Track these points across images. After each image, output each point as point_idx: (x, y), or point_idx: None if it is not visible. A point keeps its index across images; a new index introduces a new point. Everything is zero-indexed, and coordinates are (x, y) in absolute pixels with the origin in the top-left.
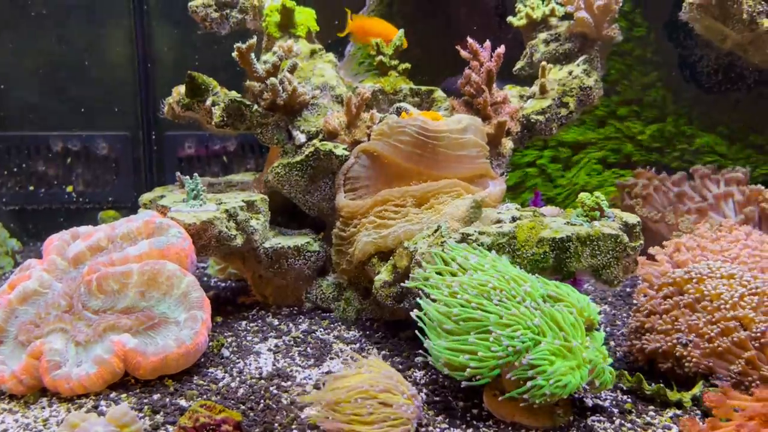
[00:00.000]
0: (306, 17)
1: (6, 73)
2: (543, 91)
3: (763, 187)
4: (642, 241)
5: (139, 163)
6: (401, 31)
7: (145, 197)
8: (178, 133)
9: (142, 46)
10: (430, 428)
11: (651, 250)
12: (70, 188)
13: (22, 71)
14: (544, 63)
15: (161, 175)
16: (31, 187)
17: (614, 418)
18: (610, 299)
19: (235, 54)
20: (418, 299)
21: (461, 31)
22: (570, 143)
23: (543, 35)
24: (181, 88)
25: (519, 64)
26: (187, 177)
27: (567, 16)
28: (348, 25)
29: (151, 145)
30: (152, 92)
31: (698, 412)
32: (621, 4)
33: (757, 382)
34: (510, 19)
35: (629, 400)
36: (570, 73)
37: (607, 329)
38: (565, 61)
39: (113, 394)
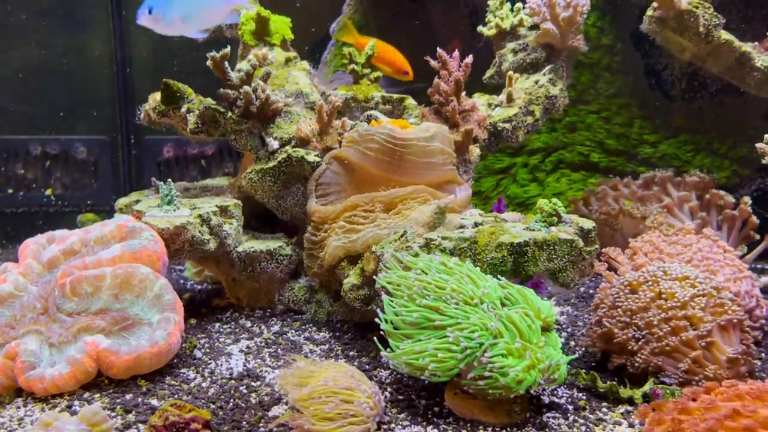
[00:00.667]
0: (281, 26)
1: None
2: (510, 99)
3: (723, 192)
4: (597, 246)
5: (118, 167)
6: (373, 41)
7: (121, 202)
8: (157, 137)
9: (120, 51)
10: (393, 425)
11: (611, 252)
12: (49, 191)
13: (0, 75)
14: (510, 73)
15: (140, 179)
16: (10, 190)
17: (568, 415)
18: (572, 300)
19: (209, 63)
20: (378, 309)
21: (435, 39)
22: (540, 149)
23: (511, 45)
24: (157, 95)
25: (489, 73)
26: (162, 182)
27: (535, 26)
28: (353, 36)
29: (130, 149)
30: (131, 97)
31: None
32: (586, 16)
33: (703, 381)
34: (480, 28)
35: (584, 397)
36: (536, 82)
37: (569, 329)
38: (532, 70)
39: (87, 395)
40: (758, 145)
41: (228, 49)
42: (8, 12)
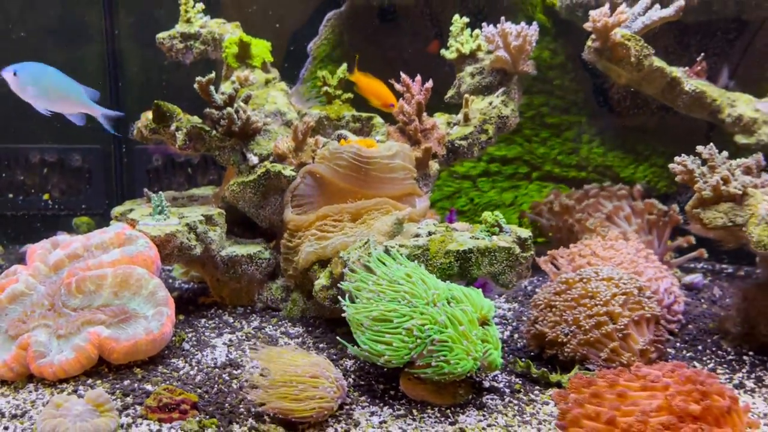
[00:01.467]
0: (261, 49)
1: None
2: (466, 119)
3: (655, 201)
4: (533, 252)
5: (111, 174)
6: (344, 65)
7: (117, 210)
8: (147, 146)
9: (113, 67)
10: (353, 406)
11: (556, 253)
12: (46, 196)
13: (2, 89)
14: (467, 95)
15: (131, 185)
16: (10, 195)
17: (505, 396)
18: (520, 298)
19: (196, 86)
20: (344, 304)
21: (404, 59)
22: (499, 159)
23: (469, 68)
24: (149, 114)
25: (450, 93)
26: (153, 194)
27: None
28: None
29: (122, 157)
30: (123, 109)
31: None
32: (534, 45)
33: (619, 367)
34: (443, 52)
35: (520, 381)
36: (490, 103)
37: (514, 323)
38: (487, 92)
39: (90, 381)
40: (671, 165)
41: (213, 75)
42: (10, 30)
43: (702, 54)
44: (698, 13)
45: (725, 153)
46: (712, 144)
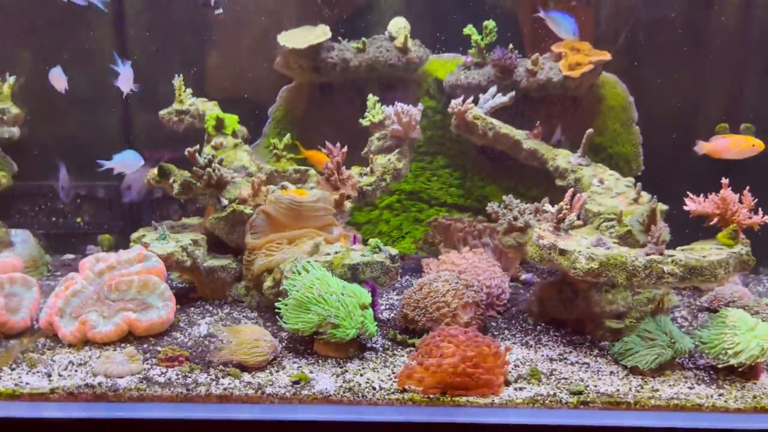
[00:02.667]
0: (232, 122)
1: (42, 146)
2: (372, 171)
3: (491, 225)
4: (400, 263)
5: (124, 203)
6: (288, 135)
7: (134, 236)
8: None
9: (126, 126)
10: (284, 359)
11: (429, 261)
12: (79, 219)
13: (48, 146)
14: (371, 156)
15: (139, 211)
16: (54, 219)
17: (378, 353)
18: None
19: (186, 153)
20: (279, 317)
21: (339, 122)
22: (407, 194)
23: (377, 134)
24: (155, 170)
25: (364, 151)
26: (158, 225)
27: None
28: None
29: None
30: None
31: None
32: (418, 119)
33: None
34: (360, 120)
35: (390, 344)
36: (389, 159)
37: (397, 308)
38: (387, 151)
39: (123, 345)
40: (486, 208)
41: (197, 146)
42: (51, 102)
43: (538, 122)
44: (540, 91)
45: (519, 200)
46: (510, 195)
